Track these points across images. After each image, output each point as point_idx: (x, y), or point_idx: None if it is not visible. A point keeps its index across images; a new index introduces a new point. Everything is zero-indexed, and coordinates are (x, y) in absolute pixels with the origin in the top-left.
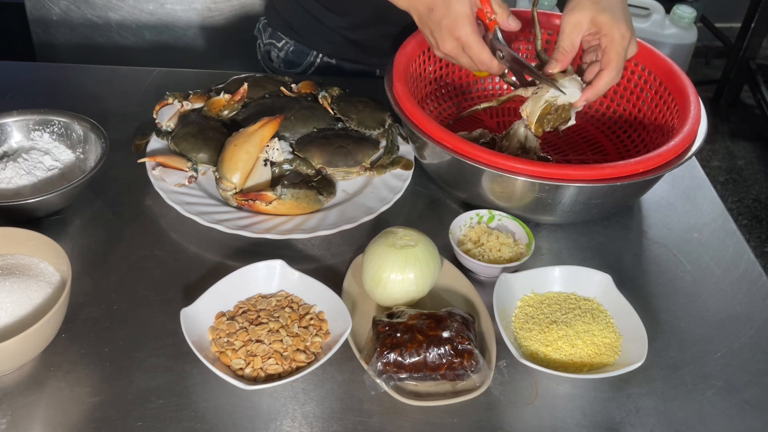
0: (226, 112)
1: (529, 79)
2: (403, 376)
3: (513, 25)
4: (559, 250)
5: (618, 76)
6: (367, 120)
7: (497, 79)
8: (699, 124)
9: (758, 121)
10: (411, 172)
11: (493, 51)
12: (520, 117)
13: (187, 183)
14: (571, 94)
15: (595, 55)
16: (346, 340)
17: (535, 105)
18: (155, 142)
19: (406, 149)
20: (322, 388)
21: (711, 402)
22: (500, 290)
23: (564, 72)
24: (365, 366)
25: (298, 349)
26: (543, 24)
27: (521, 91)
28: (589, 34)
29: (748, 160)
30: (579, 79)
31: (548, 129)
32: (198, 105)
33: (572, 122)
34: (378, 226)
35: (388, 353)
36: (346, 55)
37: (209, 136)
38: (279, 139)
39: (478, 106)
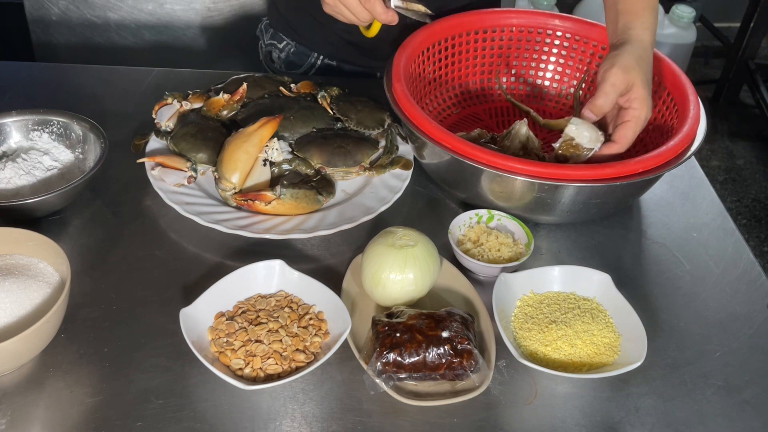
0: (225, 112)
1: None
2: (403, 376)
3: None
4: (558, 249)
5: (624, 149)
6: (366, 120)
7: (496, 81)
8: (698, 124)
9: (757, 120)
10: (410, 172)
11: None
12: (520, 117)
13: (186, 183)
14: (581, 136)
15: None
16: (346, 340)
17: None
18: (154, 142)
19: (406, 149)
20: (321, 388)
21: (710, 402)
22: (499, 290)
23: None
24: (364, 366)
25: (297, 349)
26: (541, 24)
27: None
28: (621, 97)
29: (747, 159)
30: (598, 132)
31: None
32: (197, 105)
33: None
34: (377, 226)
35: (387, 353)
36: (346, 57)
37: (208, 136)
38: (278, 139)
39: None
